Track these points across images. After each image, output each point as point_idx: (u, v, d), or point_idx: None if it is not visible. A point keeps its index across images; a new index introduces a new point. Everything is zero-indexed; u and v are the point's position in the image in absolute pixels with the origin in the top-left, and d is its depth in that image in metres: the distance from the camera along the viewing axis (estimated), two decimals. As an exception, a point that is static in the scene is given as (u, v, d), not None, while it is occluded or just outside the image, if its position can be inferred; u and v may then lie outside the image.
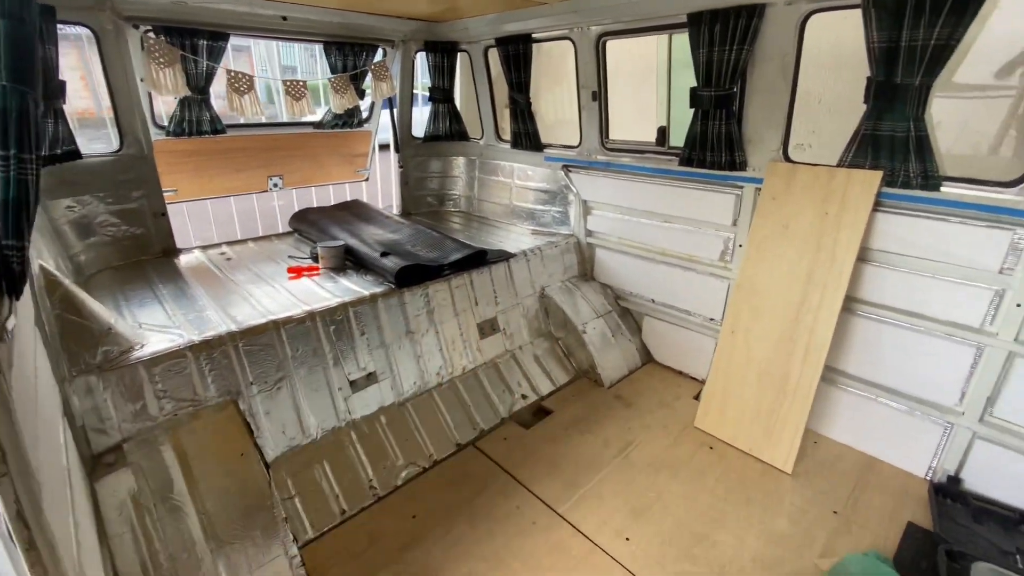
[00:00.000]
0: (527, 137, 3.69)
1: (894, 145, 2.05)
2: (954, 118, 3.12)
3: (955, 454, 2.21)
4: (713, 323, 2.97)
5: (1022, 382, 2.01)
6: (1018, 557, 1.92)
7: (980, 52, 2.71)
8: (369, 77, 3.69)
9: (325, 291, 2.53)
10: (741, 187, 2.66)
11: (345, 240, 3.03)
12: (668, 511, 2.16)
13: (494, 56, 3.66)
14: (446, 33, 3.78)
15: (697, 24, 2.44)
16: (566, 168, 3.52)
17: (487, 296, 2.99)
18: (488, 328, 2.97)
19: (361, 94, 3.77)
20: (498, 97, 3.95)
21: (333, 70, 3.58)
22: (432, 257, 2.88)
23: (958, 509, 2.13)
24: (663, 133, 3.02)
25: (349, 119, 3.94)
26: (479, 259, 3.00)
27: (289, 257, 3.10)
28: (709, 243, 2.89)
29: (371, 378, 2.42)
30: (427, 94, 4.22)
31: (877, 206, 2.19)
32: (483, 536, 2.05)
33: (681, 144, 2.80)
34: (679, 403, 2.93)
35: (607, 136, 3.26)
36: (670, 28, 2.70)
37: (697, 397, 2.90)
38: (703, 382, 2.92)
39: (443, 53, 3.91)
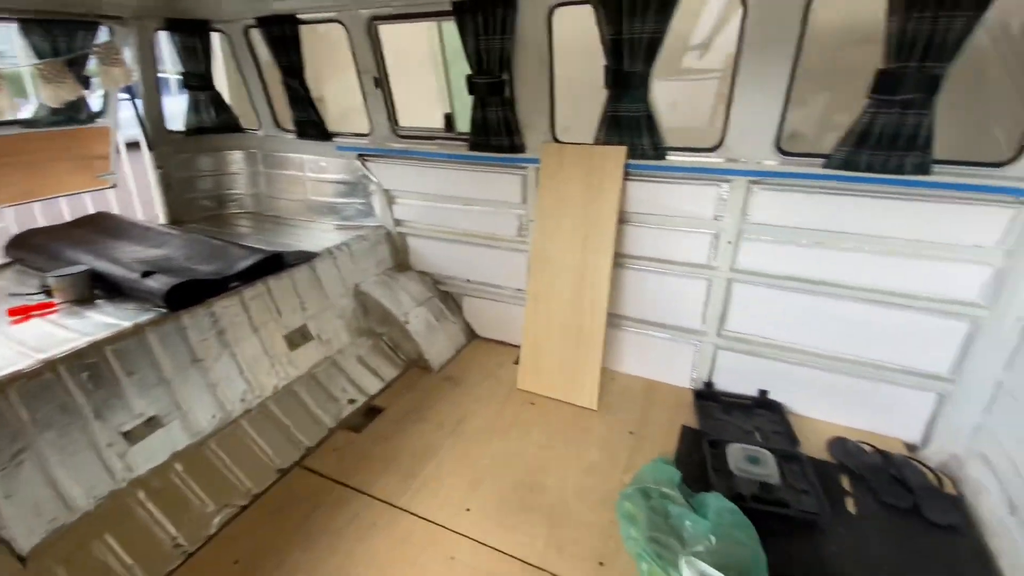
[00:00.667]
0: (312, 126, 3.45)
1: (631, 124, 2.45)
2: (681, 96, 3.85)
3: (706, 364, 2.82)
4: (520, 293, 3.23)
5: (739, 301, 2.63)
6: (756, 433, 2.54)
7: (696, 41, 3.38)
8: (94, 62, 3.00)
9: (68, 331, 2.05)
10: (525, 168, 2.90)
11: (90, 264, 2.47)
12: (502, 473, 2.33)
13: (258, 38, 3.30)
14: (192, 10, 3.26)
15: (462, 13, 2.54)
16: (361, 157, 3.39)
17: (292, 304, 2.76)
18: (298, 338, 2.75)
19: (86, 82, 3.06)
20: (272, 82, 3.58)
21: (40, 54, 2.82)
22: (213, 269, 2.53)
23: (714, 407, 2.73)
24: (449, 119, 3.10)
25: (75, 113, 3.18)
26: (275, 264, 2.74)
27: (10, 296, 2.42)
28: (506, 221, 3.10)
29: (153, 423, 2.06)
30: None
31: (627, 176, 2.60)
32: (322, 555, 1.94)
33: (468, 129, 2.92)
34: (502, 371, 3.14)
35: (396, 123, 3.22)
36: (438, 15, 2.76)
37: (517, 362, 3.13)
38: (519, 347, 3.17)
39: (192, 33, 3.37)
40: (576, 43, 2.93)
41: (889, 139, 1.99)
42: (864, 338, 2.41)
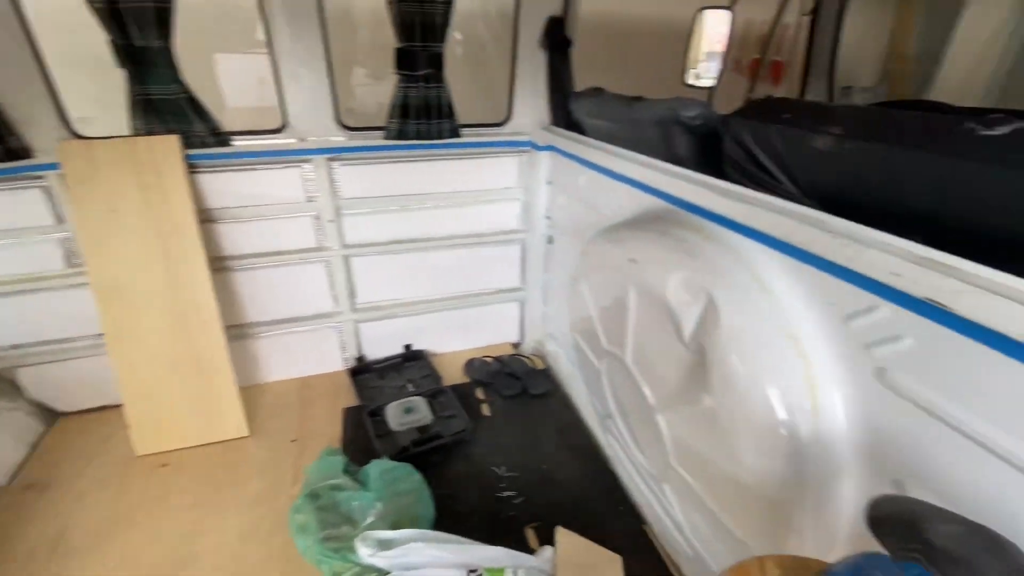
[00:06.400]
0: None
1: (172, 109, 2.08)
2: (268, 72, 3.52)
3: (352, 341, 2.87)
4: (101, 338, 2.49)
5: (361, 274, 2.73)
6: (409, 385, 2.77)
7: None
8: None
9: None
10: (42, 176, 2.14)
11: None
12: (136, 569, 1.83)
13: None
14: None
15: None
16: None
17: None
18: None
19: None
20: None
21: None
22: None
23: (369, 377, 2.83)
24: None
25: None
26: None
27: None
28: (41, 252, 2.28)
29: None
30: None
31: (193, 169, 2.25)
32: None
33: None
34: (112, 443, 2.42)
35: None
36: None
37: (130, 423, 2.47)
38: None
39: None
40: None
41: (424, 110, 2.32)
42: (462, 276, 2.90)
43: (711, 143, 1.39)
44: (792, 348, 1.07)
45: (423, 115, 2.33)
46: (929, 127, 0.87)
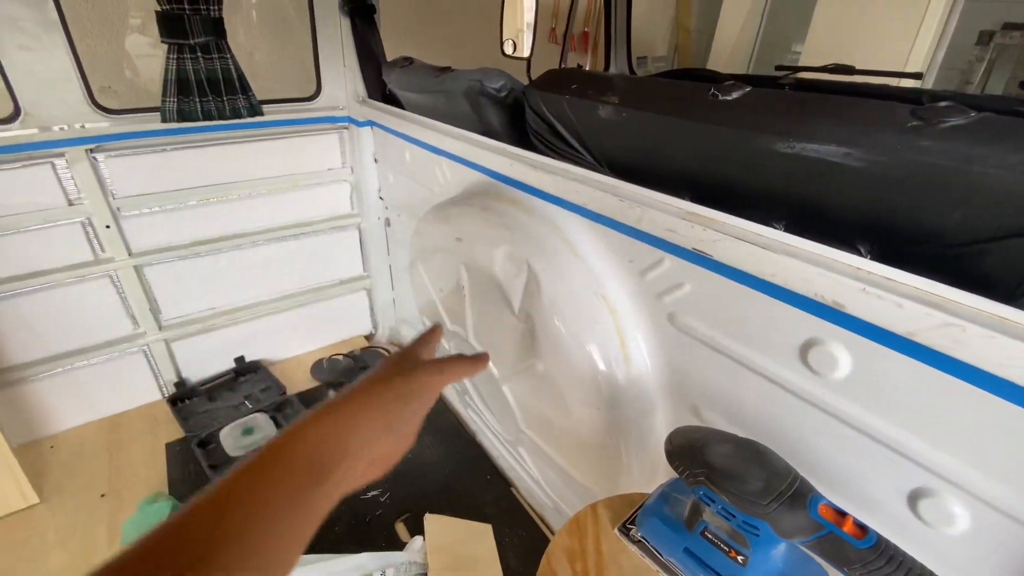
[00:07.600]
0: None
1: None
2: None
3: (167, 365, 2.45)
4: None
5: (162, 285, 2.32)
6: (247, 402, 2.47)
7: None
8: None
9: None
10: None
11: None
12: None
13: None
14: None
15: None
16: None
17: None
18: None
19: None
20: None
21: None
22: None
23: (196, 402, 2.46)
24: None
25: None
26: None
27: None
28: None
29: None
30: None
31: None
32: None
33: None
34: None
35: None
36: None
37: None
38: None
39: None
40: None
41: (209, 84, 1.99)
42: (294, 271, 2.62)
43: (519, 114, 1.40)
44: (603, 305, 1.14)
45: (209, 91, 1.99)
46: (683, 95, 0.97)
